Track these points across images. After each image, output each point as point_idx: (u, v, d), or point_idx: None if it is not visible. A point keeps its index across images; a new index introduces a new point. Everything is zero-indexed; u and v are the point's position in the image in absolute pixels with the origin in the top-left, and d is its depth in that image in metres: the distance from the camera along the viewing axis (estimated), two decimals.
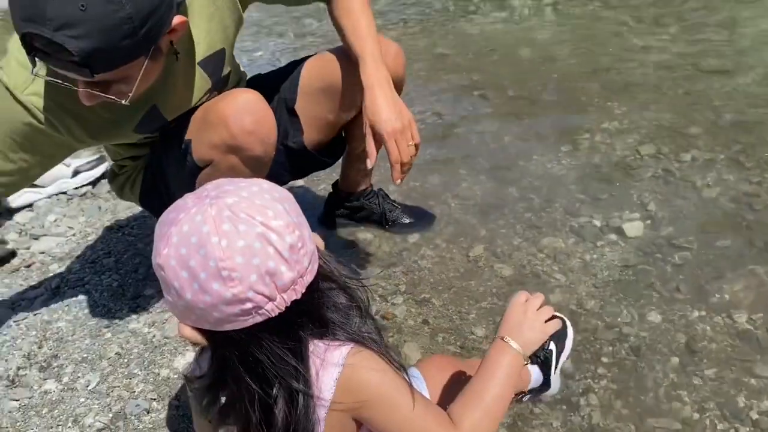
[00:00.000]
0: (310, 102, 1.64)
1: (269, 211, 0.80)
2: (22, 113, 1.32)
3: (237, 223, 0.78)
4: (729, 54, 2.86)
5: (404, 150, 1.44)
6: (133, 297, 1.82)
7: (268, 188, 0.85)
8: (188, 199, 0.83)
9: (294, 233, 0.81)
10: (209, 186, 0.85)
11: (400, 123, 1.43)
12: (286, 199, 0.85)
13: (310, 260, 0.84)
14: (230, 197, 0.80)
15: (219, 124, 1.40)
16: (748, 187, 2.07)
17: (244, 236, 0.78)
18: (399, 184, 1.48)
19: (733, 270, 1.78)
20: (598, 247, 1.91)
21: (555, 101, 2.65)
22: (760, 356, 1.54)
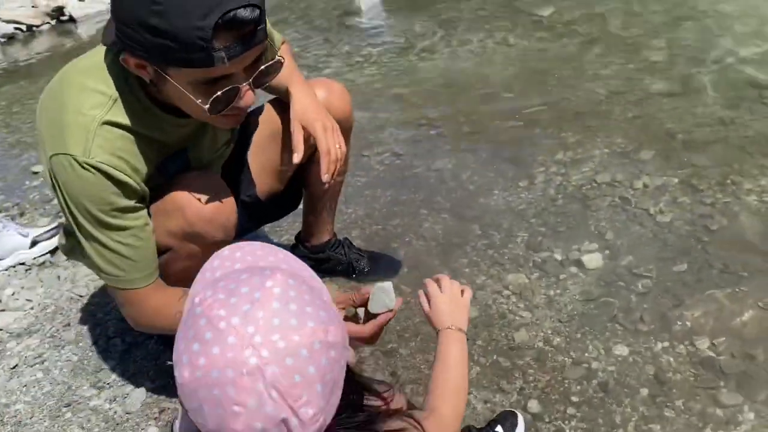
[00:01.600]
0: (259, 152, 1.65)
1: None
2: (102, 182, 1.25)
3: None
4: (675, 76, 2.93)
5: (334, 146, 1.49)
6: (94, 371, 1.77)
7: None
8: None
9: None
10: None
11: (329, 122, 1.52)
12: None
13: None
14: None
15: (175, 212, 1.38)
16: (702, 209, 2.11)
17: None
18: (328, 180, 1.51)
19: (692, 296, 1.80)
20: (560, 281, 1.92)
21: (510, 135, 2.68)
22: (724, 383, 1.55)
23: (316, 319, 0.73)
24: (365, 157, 2.67)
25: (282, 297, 0.73)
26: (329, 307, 0.78)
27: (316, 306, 0.75)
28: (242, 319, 0.70)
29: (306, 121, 1.51)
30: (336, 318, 0.77)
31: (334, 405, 0.75)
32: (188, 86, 1.17)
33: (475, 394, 1.60)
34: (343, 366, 0.76)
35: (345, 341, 0.77)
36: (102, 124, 1.24)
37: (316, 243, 1.95)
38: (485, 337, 1.76)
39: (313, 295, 0.76)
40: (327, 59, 3.64)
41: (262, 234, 2.28)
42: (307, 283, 0.79)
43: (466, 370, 1.18)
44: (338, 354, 0.74)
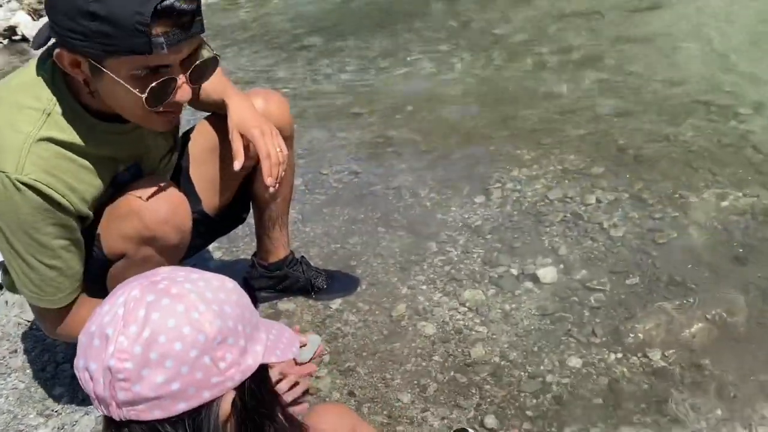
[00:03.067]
0: (201, 166, 1.65)
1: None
2: (32, 199, 1.23)
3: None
4: (626, 93, 3.02)
5: (273, 149, 1.49)
6: (42, 399, 1.72)
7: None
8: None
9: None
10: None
11: (267, 127, 1.52)
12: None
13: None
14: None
15: (130, 215, 1.37)
16: (651, 223, 2.16)
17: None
18: (272, 184, 1.51)
19: (643, 308, 1.84)
20: (516, 297, 1.94)
21: (466, 153, 2.71)
22: (675, 393, 1.58)
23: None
24: (324, 175, 2.67)
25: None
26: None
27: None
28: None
29: (244, 129, 1.52)
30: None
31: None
32: (126, 78, 1.17)
33: (433, 411, 1.60)
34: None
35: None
36: (37, 141, 1.23)
37: (273, 261, 1.94)
38: (442, 353, 1.77)
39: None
40: (285, 78, 3.64)
41: (217, 257, 2.25)
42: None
43: None
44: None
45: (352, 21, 4.40)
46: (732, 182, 2.30)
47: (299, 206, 2.46)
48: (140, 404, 0.73)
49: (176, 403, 0.74)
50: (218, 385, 0.76)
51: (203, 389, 0.75)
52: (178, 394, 0.73)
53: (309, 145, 2.91)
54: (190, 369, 0.73)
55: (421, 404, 1.62)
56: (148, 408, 0.73)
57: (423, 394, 1.65)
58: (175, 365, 0.73)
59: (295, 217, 2.37)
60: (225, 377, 0.76)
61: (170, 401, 0.73)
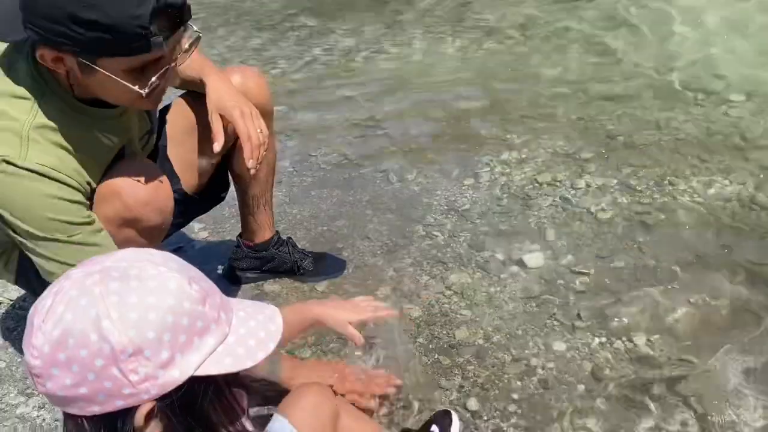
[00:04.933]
0: (178, 145, 1.62)
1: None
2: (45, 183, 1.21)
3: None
4: (617, 79, 3.01)
5: (254, 131, 1.48)
6: (22, 377, 1.70)
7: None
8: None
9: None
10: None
11: (247, 107, 1.50)
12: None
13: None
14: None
15: (112, 197, 1.35)
16: (639, 208, 2.16)
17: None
18: (254, 167, 1.50)
19: (629, 292, 1.84)
20: (502, 280, 1.94)
21: (456, 136, 2.70)
22: (658, 377, 1.59)
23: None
24: (312, 157, 2.65)
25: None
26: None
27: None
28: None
29: (223, 109, 1.50)
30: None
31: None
32: (120, 73, 1.16)
33: (415, 392, 1.60)
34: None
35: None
36: (34, 128, 1.20)
37: (258, 241, 1.92)
38: (426, 335, 1.76)
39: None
40: (274, 59, 3.60)
41: (202, 238, 2.24)
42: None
43: None
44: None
45: (343, 1, 4.36)
46: (720, 169, 2.30)
47: (286, 188, 2.44)
48: (56, 400, 0.73)
49: (89, 405, 0.71)
50: (131, 396, 0.72)
51: (114, 398, 0.71)
52: (88, 397, 0.71)
53: (298, 126, 2.89)
54: (96, 377, 0.70)
55: (404, 386, 1.62)
56: (65, 404, 0.72)
57: (405, 375, 1.64)
58: (80, 371, 0.70)
59: (282, 198, 2.36)
60: (138, 390, 0.71)
61: (82, 403, 0.71)
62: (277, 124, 2.90)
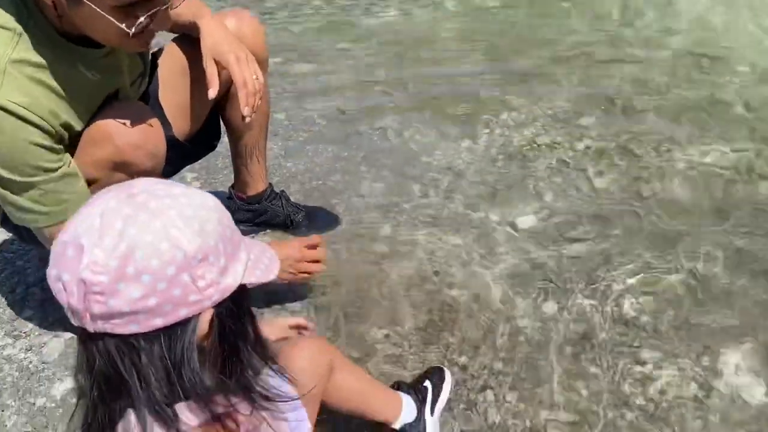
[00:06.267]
0: (170, 91, 1.58)
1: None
2: (17, 124, 1.16)
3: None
4: (620, 43, 2.95)
5: (250, 77, 1.44)
6: (10, 320, 1.69)
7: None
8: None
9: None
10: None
11: (243, 53, 1.46)
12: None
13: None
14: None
15: (103, 140, 1.32)
16: (636, 173, 2.15)
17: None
18: (249, 114, 1.46)
19: (622, 256, 1.84)
20: (496, 241, 1.92)
21: (456, 96, 2.66)
22: (646, 340, 1.59)
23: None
24: (308, 111, 2.61)
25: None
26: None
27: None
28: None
29: (218, 54, 1.45)
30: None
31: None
32: (108, 9, 1.11)
33: (407, 349, 1.60)
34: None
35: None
36: (12, 62, 1.15)
37: (251, 194, 1.90)
38: (419, 293, 1.76)
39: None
40: (272, 11, 3.52)
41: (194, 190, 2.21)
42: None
43: None
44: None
45: None
46: (720, 137, 2.28)
47: (281, 141, 2.41)
48: (115, 318, 0.71)
49: (152, 318, 0.72)
50: (196, 304, 0.73)
51: (181, 306, 0.72)
52: (155, 309, 0.71)
53: (294, 80, 2.83)
54: (167, 285, 0.71)
55: (396, 342, 1.62)
56: (124, 322, 0.71)
57: (398, 332, 1.65)
58: (152, 281, 0.70)
59: (277, 152, 2.33)
60: (203, 296, 0.73)
61: (146, 316, 0.71)
62: (273, 77, 2.87)
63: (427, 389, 1.41)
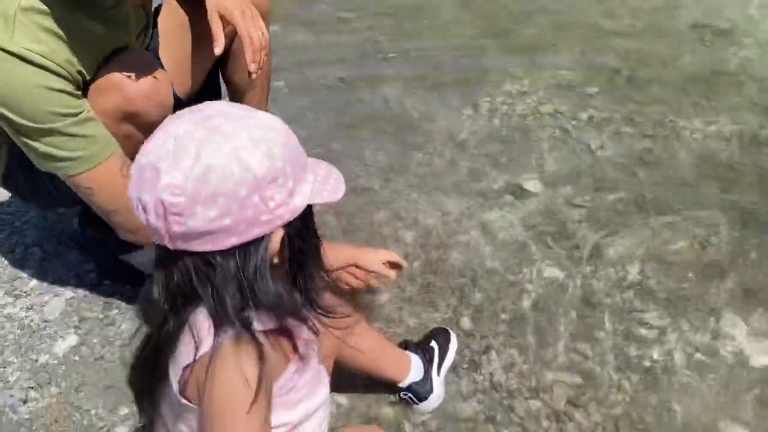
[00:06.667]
0: (171, 47, 1.55)
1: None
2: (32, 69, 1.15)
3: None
4: (623, 15, 2.93)
5: (256, 33, 1.41)
6: (10, 279, 1.67)
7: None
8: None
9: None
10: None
11: (249, 8, 1.42)
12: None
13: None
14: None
15: (112, 90, 1.29)
16: (640, 143, 2.14)
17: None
18: (255, 71, 1.43)
19: (625, 224, 1.83)
20: (499, 208, 1.91)
21: (458, 65, 2.63)
22: (650, 306, 1.59)
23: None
24: (308, 79, 2.57)
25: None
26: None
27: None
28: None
29: (223, 9, 1.41)
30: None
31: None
32: None
33: (410, 311, 1.59)
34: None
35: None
36: (22, 10, 1.13)
37: None
38: (422, 258, 1.75)
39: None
40: None
41: None
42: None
43: None
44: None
45: None
46: (724, 109, 2.27)
47: (281, 107, 2.37)
48: (193, 237, 0.75)
49: (228, 237, 0.76)
50: (267, 223, 0.78)
51: (253, 226, 0.77)
52: (230, 229, 0.75)
53: (294, 47, 2.79)
54: (240, 206, 0.75)
55: (398, 304, 1.61)
56: (201, 241, 0.76)
57: (401, 295, 1.64)
58: (226, 202, 0.74)
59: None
60: (274, 216, 0.77)
61: (222, 235, 0.76)
62: (272, 43, 2.82)
63: (433, 349, 1.41)
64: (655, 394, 1.40)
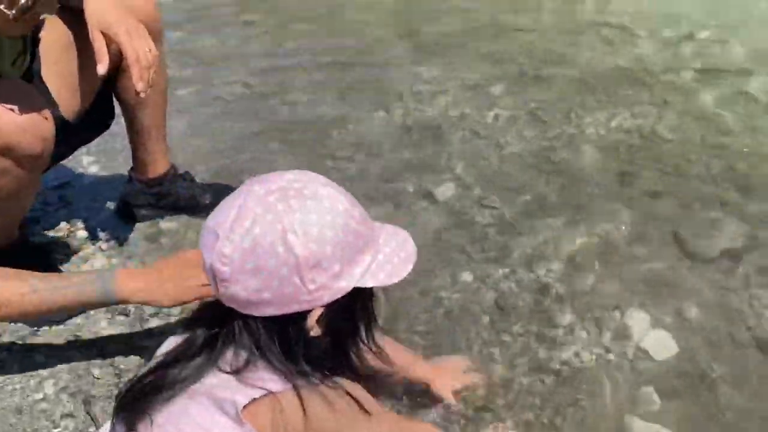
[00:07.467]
0: (55, 67, 1.46)
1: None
2: None
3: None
4: (527, 10, 2.99)
5: (143, 51, 1.34)
6: None
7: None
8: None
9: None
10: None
11: (134, 25, 1.36)
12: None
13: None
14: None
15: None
16: (545, 142, 2.18)
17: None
18: (143, 90, 1.36)
19: (533, 224, 1.86)
20: (412, 214, 1.91)
21: (368, 68, 2.61)
22: (558, 306, 1.62)
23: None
24: (214, 86, 2.51)
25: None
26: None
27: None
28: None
29: (106, 27, 1.34)
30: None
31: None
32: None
33: None
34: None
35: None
36: None
37: (152, 175, 1.79)
38: None
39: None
40: None
41: (92, 172, 2.08)
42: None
43: None
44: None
45: None
46: (624, 103, 2.35)
47: (185, 119, 2.30)
48: (235, 302, 0.82)
49: (267, 307, 0.82)
50: (306, 302, 0.82)
51: (292, 302, 0.82)
52: (270, 301, 0.81)
53: (198, 54, 2.71)
54: (280, 284, 0.79)
55: None
56: (242, 305, 0.82)
57: None
58: (267, 278, 0.79)
59: (181, 130, 2.22)
60: (313, 297, 0.82)
61: (262, 306, 0.81)
62: (175, 51, 2.72)
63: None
64: (564, 395, 1.42)
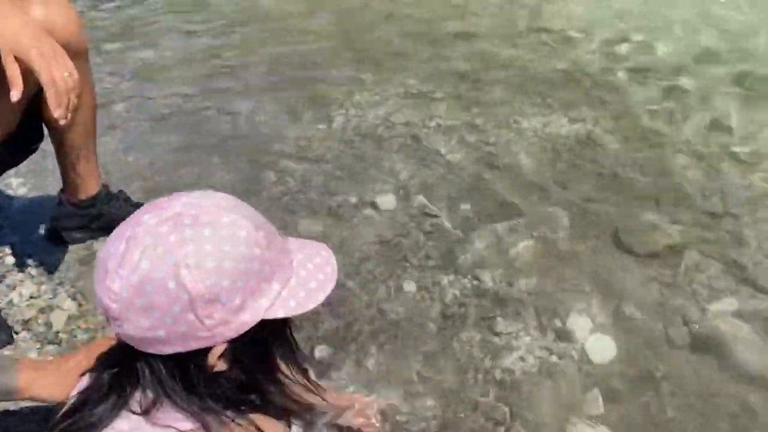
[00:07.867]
0: None
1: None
2: None
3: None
4: (467, 16, 3.01)
5: (59, 74, 1.26)
6: None
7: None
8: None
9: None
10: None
11: (49, 46, 1.26)
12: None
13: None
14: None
15: None
16: (486, 148, 2.19)
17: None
18: (62, 116, 1.29)
19: (475, 230, 1.87)
20: (354, 225, 1.90)
21: (308, 77, 2.59)
22: (500, 311, 1.63)
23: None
24: (150, 99, 2.44)
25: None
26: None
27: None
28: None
29: (17, 49, 1.25)
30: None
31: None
32: None
33: None
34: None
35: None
36: None
37: (84, 197, 1.72)
38: None
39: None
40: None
41: (21, 194, 1.99)
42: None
43: None
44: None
45: None
46: (561, 106, 2.38)
47: (120, 134, 2.23)
48: (131, 340, 0.77)
49: (163, 346, 0.76)
50: (206, 339, 0.77)
51: (189, 340, 0.76)
52: (165, 339, 0.75)
53: (134, 65, 2.63)
54: (174, 321, 0.74)
55: None
56: (139, 343, 0.77)
57: None
58: (159, 316, 0.74)
59: (115, 146, 2.15)
60: (213, 333, 0.76)
61: (158, 343, 0.76)
62: (109, 64, 2.65)
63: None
64: (508, 402, 1.44)
